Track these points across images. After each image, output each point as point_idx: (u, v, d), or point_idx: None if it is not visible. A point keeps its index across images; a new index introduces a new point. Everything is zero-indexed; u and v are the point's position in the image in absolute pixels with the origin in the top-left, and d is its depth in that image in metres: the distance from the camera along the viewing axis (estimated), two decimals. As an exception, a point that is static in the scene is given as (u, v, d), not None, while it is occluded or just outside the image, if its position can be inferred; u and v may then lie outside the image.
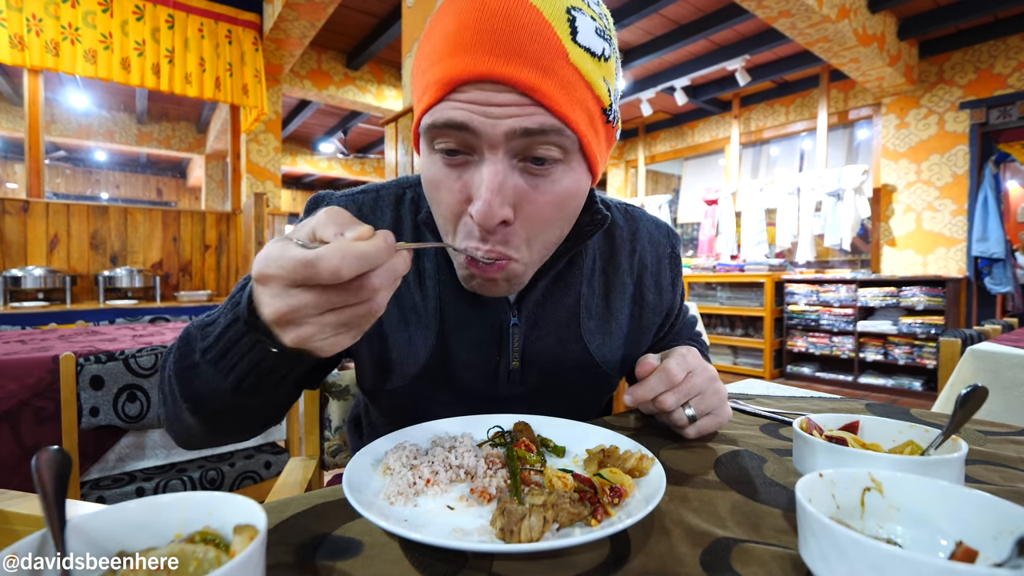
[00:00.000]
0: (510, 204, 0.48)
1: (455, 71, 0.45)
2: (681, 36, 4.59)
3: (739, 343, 5.17)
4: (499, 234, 0.49)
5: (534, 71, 0.44)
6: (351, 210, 0.62)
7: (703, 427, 0.57)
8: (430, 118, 0.48)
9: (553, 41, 0.45)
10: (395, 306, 0.61)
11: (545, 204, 0.49)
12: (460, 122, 0.46)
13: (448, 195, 0.49)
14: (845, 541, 0.27)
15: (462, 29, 0.45)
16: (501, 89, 0.45)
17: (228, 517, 0.30)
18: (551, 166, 0.49)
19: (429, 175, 0.51)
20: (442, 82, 0.46)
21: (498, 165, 0.47)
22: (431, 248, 0.61)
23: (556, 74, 0.45)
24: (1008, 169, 4.57)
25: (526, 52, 0.44)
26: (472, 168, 0.48)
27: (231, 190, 4.81)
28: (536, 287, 0.61)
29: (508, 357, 0.62)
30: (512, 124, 0.45)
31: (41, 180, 3.74)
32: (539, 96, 0.45)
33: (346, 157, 9.27)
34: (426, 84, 0.48)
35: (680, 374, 0.55)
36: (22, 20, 3.49)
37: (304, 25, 4.18)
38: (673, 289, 0.74)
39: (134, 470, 1.40)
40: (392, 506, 0.40)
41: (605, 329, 0.67)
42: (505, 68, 0.44)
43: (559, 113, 0.46)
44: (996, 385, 1.35)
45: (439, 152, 0.49)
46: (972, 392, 0.44)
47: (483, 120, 0.45)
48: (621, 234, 0.70)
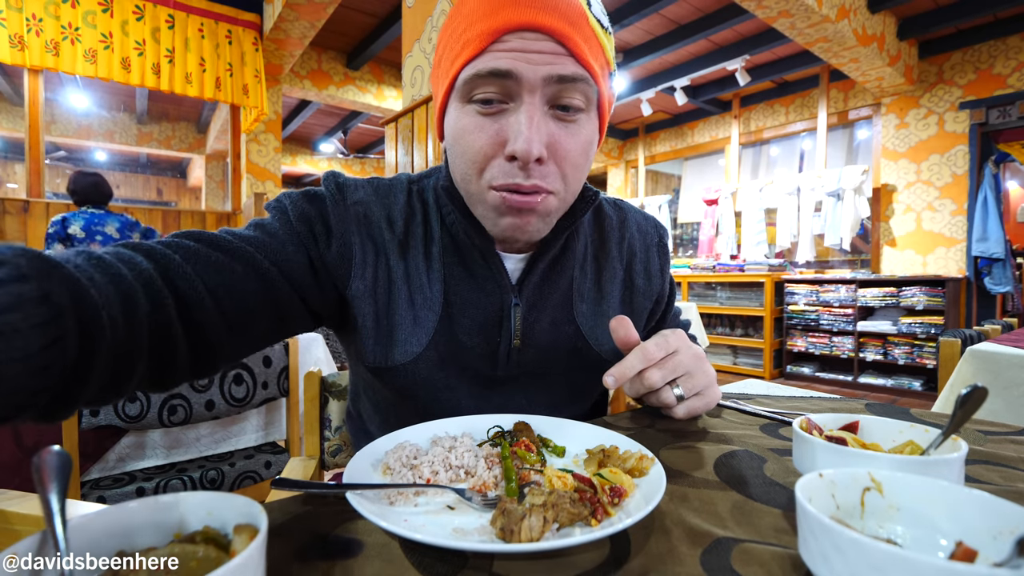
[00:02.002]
0: (544, 144, 0.53)
1: (498, 22, 0.51)
2: (681, 36, 4.59)
3: (739, 343, 5.17)
4: (536, 170, 0.54)
5: (567, 23, 0.51)
6: (368, 190, 0.65)
7: (692, 407, 0.58)
8: (472, 69, 0.52)
9: (578, 6, 0.53)
10: (405, 285, 0.63)
11: (573, 147, 0.55)
12: (505, 69, 0.51)
13: (482, 138, 0.54)
14: (845, 541, 0.27)
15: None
16: (539, 38, 0.51)
17: (228, 517, 0.30)
18: (576, 114, 0.55)
19: (461, 125, 0.55)
20: (486, 33, 0.51)
21: (535, 108, 0.52)
22: (439, 231, 0.65)
23: (582, 30, 0.53)
24: (1008, 169, 4.58)
25: (559, 7, 0.51)
26: (507, 115, 0.53)
27: (231, 190, 4.81)
28: (536, 269, 0.64)
29: (509, 337, 0.64)
30: (549, 70, 0.51)
31: (41, 180, 3.74)
32: (571, 45, 0.51)
33: (346, 157, 9.27)
34: (466, 40, 0.53)
35: (658, 352, 0.56)
36: (22, 20, 3.49)
37: (304, 25, 4.18)
38: (662, 275, 0.78)
39: (134, 470, 1.40)
40: (392, 506, 0.40)
41: (597, 311, 0.70)
42: (544, 18, 0.51)
43: (585, 63, 0.52)
44: (996, 385, 1.35)
45: (475, 103, 0.54)
46: (972, 392, 0.44)
47: (525, 66, 0.51)
48: (610, 223, 0.74)
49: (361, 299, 0.61)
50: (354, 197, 0.62)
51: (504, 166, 0.53)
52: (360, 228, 0.61)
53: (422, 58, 2.55)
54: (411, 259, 0.63)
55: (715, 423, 0.66)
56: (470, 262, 0.64)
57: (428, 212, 0.66)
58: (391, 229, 0.63)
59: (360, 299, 0.61)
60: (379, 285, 0.62)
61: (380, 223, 0.63)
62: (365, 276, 0.61)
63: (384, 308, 0.62)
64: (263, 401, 1.52)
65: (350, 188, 0.63)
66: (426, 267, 0.64)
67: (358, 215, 0.62)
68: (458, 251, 0.64)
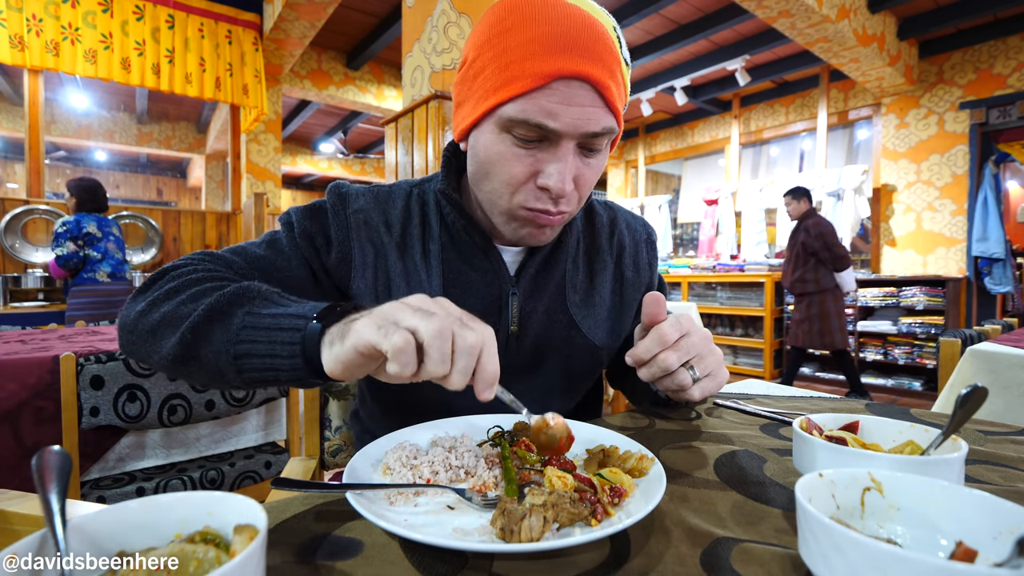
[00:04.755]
0: (572, 179, 0.59)
1: (550, 67, 0.53)
2: (681, 36, 4.59)
3: (739, 343, 5.17)
4: (562, 199, 0.61)
5: (607, 73, 0.55)
6: (368, 198, 0.71)
7: (705, 388, 0.59)
8: (520, 113, 0.55)
9: (615, 52, 0.57)
10: (404, 282, 0.68)
11: (591, 176, 0.62)
12: (552, 128, 0.55)
13: (519, 168, 0.59)
14: (845, 541, 0.27)
15: (556, 35, 0.54)
16: (582, 87, 0.55)
17: (228, 517, 0.30)
18: (599, 151, 0.61)
19: (497, 150, 0.59)
20: (536, 75, 0.54)
21: (569, 152, 0.58)
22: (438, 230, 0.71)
23: (616, 77, 0.57)
24: (1008, 169, 4.57)
25: (603, 58, 0.55)
26: (542, 150, 0.58)
27: (231, 190, 4.81)
28: (533, 260, 0.70)
29: (508, 323, 0.69)
30: (587, 127, 0.56)
31: (41, 180, 3.74)
32: (608, 95, 0.56)
33: (346, 157, 9.27)
34: (512, 74, 0.55)
35: (674, 334, 0.58)
36: (22, 20, 3.49)
37: (304, 25, 4.18)
38: (650, 269, 0.83)
39: (134, 470, 1.40)
40: (392, 506, 0.40)
41: (589, 302, 0.75)
42: (591, 69, 0.54)
43: (615, 110, 0.58)
44: (996, 385, 1.35)
45: (514, 135, 0.58)
46: (972, 392, 0.44)
47: (568, 121, 0.55)
48: (601, 220, 0.81)
49: (363, 297, 0.68)
50: (355, 206, 0.70)
51: (535, 191, 0.60)
52: (359, 233, 0.69)
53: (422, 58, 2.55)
54: (409, 258, 0.69)
55: (715, 423, 0.66)
56: (469, 256, 0.69)
57: (428, 213, 0.72)
58: (389, 232, 0.70)
59: (362, 297, 0.68)
60: (379, 283, 0.68)
61: (379, 227, 0.70)
62: (365, 276, 0.68)
63: None
64: (263, 401, 1.52)
65: (351, 197, 0.70)
66: (424, 264, 0.69)
67: (358, 222, 0.69)
68: (457, 247, 0.70)
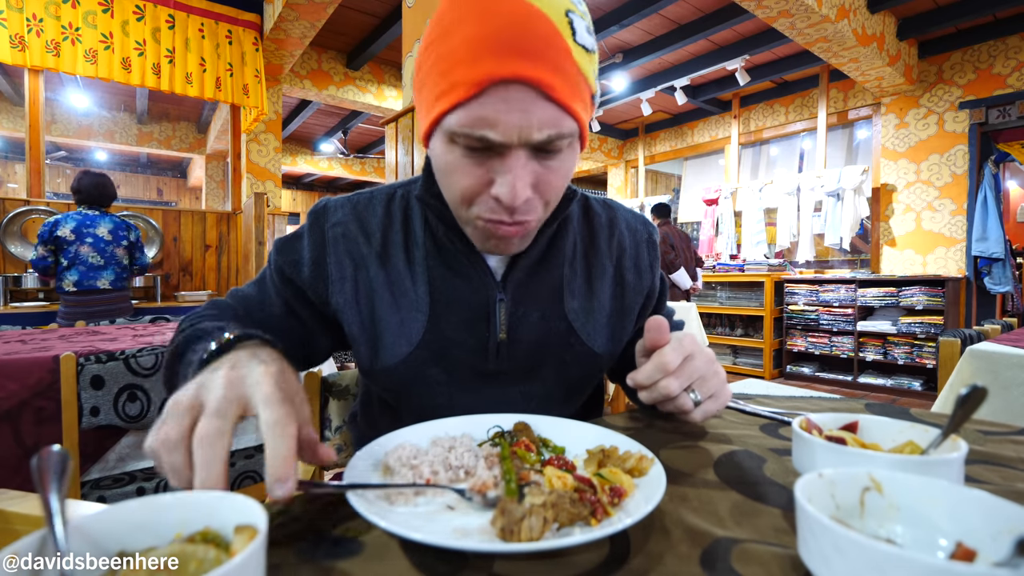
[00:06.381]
0: (530, 186, 0.54)
1: (480, 74, 0.49)
2: (681, 36, 4.59)
3: (739, 343, 5.17)
4: (521, 208, 0.55)
5: (550, 70, 0.50)
6: (347, 209, 0.69)
7: (707, 410, 0.58)
8: (457, 125, 0.51)
9: (562, 44, 0.51)
10: (388, 292, 0.66)
11: (556, 182, 0.57)
12: (490, 139, 0.51)
13: (468, 179, 0.55)
14: (845, 541, 0.27)
15: (487, 35, 0.49)
16: (522, 90, 0.50)
17: (228, 517, 0.30)
18: (558, 153, 0.55)
19: (447, 160, 0.55)
20: (467, 84, 0.50)
21: (520, 161, 0.53)
22: (422, 235, 0.68)
23: (566, 72, 0.51)
24: (1007, 169, 4.58)
25: (543, 53, 0.49)
26: (492, 158, 0.53)
27: (231, 190, 4.81)
28: (518, 266, 0.66)
29: (496, 331, 0.66)
30: (530, 133, 0.51)
31: (41, 180, 3.74)
32: (555, 94, 0.50)
33: (346, 157, 9.26)
34: (450, 83, 0.51)
35: (675, 360, 0.56)
36: (22, 20, 3.49)
37: (304, 25, 4.18)
38: (652, 271, 0.79)
39: (134, 470, 1.40)
40: (392, 506, 0.40)
41: (588, 308, 0.71)
42: (528, 69, 0.49)
43: (568, 107, 0.51)
44: (995, 385, 1.35)
45: (461, 146, 0.53)
46: (972, 392, 0.44)
47: (507, 129, 0.50)
48: (599, 221, 0.76)
49: (344, 311, 0.67)
50: (332, 219, 0.68)
51: (490, 202, 0.55)
52: (336, 247, 0.67)
53: (422, 58, 2.55)
54: (392, 266, 0.67)
55: (715, 423, 0.66)
56: (453, 262, 0.67)
57: (412, 217, 0.69)
58: (368, 242, 0.68)
59: (344, 311, 0.67)
60: (360, 295, 0.67)
61: (357, 238, 0.68)
62: (344, 290, 0.67)
63: (368, 315, 0.67)
64: (263, 401, 1.52)
65: (330, 211, 0.69)
66: (408, 271, 0.67)
67: (335, 235, 0.67)
68: (441, 253, 0.67)
